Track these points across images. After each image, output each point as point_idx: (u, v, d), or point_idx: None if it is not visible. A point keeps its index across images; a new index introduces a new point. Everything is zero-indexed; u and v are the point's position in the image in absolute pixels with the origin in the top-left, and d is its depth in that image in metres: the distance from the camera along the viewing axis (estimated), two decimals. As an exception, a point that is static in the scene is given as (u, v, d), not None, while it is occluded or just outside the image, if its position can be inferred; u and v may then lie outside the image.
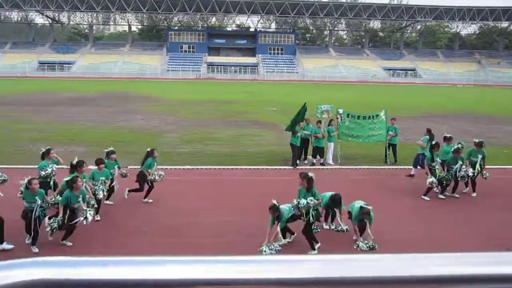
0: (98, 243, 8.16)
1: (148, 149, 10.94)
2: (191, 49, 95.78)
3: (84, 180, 8.95)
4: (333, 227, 9.19)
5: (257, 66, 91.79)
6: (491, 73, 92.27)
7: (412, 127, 24.73)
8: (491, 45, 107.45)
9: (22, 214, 7.81)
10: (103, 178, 9.64)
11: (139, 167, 10.85)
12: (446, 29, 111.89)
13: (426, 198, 11.38)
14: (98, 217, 9.29)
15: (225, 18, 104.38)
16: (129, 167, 13.97)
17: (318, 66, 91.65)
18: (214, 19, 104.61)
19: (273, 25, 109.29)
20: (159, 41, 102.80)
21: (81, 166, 9.15)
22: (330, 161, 15.50)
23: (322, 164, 15.19)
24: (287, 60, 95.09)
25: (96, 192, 9.25)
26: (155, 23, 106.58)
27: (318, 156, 15.20)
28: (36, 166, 10.00)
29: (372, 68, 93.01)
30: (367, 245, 8.16)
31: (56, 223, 7.80)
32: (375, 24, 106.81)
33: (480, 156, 11.75)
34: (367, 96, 45.71)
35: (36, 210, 7.69)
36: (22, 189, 8.17)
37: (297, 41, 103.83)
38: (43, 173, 9.74)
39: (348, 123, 15.70)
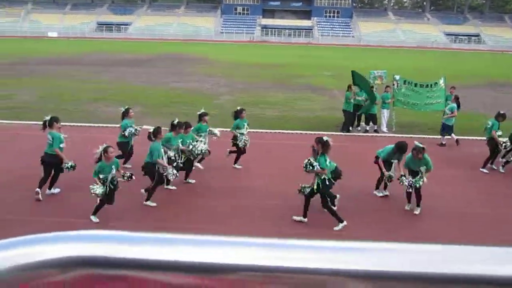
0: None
1: (238, 108, 10.92)
2: (245, 11, 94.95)
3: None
4: (386, 193, 9.12)
5: (312, 29, 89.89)
6: None
7: (471, 96, 23.70)
8: None
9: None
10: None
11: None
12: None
13: (484, 170, 11.06)
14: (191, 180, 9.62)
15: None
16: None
17: (376, 30, 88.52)
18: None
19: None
20: (213, 3, 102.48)
21: (181, 127, 9.28)
22: (384, 129, 15.22)
23: (375, 131, 14.95)
24: (343, 24, 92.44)
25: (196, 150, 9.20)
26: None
27: (371, 123, 14.97)
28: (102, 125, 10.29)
29: (432, 33, 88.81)
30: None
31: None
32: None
33: None
34: (425, 62, 43.93)
35: (109, 180, 7.46)
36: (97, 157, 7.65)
37: (354, 4, 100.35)
38: (126, 132, 9.84)
39: (404, 90, 15.24)
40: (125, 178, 7.83)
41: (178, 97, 20.61)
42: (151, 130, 8.63)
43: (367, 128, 15.06)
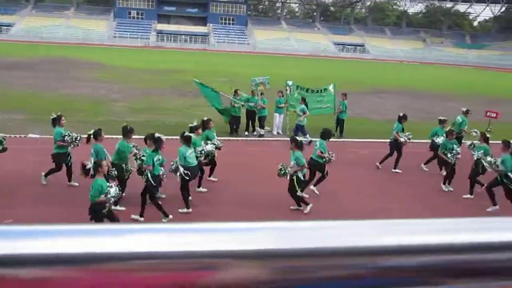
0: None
1: (205, 118, 10.63)
2: (139, 16, 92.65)
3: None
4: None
5: (208, 35, 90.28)
6: (435, 51, 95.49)
7: (359, 102, 25.36)
8: (435, 25, 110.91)
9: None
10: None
11: (84, 135, 10.49)
12: (394, 6, 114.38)
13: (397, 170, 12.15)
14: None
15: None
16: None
17: (270, 38, 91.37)
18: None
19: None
20: (106, 5, 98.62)
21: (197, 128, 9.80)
22: (275, 132, 15.89)
23: (269, 132, 15.65)
24: (239, 31, 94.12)
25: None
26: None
27: (266, 127, 15.57)
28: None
29: (322, 42, 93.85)
30: None
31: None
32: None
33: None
34: (317, 70, 46.21)
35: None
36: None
37: (249, 12, 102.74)
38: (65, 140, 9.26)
39: (296, 95, 15.94)
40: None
41: (69, 104, 19.43)
42: (91, 133, 8.88)
43: (262, 133, 15.47)
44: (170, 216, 8.07)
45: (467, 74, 57.96)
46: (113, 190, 6.95)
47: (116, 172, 8.51)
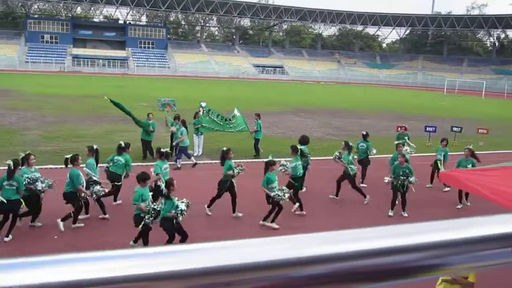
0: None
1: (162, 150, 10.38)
2: (54, 40, 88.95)
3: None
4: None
5: (127, 60, 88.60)
6: (349, 71, 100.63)
7: (278, 122, 26.03)
8: (348, 46, 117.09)
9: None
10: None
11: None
12: (310, 29, 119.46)
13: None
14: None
15: (92, 8, 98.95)
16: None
17: (190, 61, 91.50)
18: (79, 8, 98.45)
19: (144, 18, 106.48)
20: (16, 29, 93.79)
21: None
22: (198, 153, 15.75)
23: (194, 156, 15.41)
24: (159, 55, 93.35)
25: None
26: (10, 9, 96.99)
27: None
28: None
29: (242, 64, 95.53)
30: None
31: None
32: (245, 22, 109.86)
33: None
34: (237, 91, 46.89)
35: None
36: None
37: (168, 36, 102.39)
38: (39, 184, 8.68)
39: (208, 118, 16.13)
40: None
41: (-26, 134, 18.14)
42: (69, 157, 9.06)
43: (178, 165, 14.85)
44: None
45: (379, 92, 61.55)
46: (183, 205, 7.78)
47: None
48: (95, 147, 10.00)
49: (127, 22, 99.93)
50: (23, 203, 8.39)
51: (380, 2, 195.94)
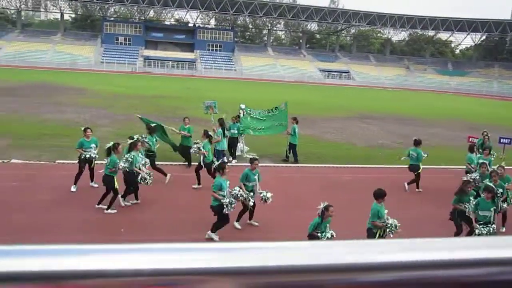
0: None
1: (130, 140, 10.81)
2: (127, 42, 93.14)
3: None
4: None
5: (195, 62, 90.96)
6: (418, 78, 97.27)
7: (343, 127, 25.60)
8: (419, 52, 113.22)
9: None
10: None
11: (65, 161, 10.45)
12: (378, 34, 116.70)
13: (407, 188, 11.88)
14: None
15: (163, 11, 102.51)
16: (56, 161, 13.48)
17: (256, 64, 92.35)
18: (151, 12, 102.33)
19: (212, 22, 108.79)
20: (93, 31, 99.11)
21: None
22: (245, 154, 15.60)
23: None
24: (226, 57, 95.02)
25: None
26: (89, 12, 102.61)
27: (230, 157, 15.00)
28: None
29: (308, 68, 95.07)
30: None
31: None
32: (312, 26, 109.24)
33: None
34: (303, 96, 46.68)
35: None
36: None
37: (236, 39, 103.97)
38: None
39: (250, 119, 15.95)
40: None
41: (50, 129, 19.29)
42: (110, 145, 10.07)
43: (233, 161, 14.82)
44: None
45: (450, 101, 59.01)
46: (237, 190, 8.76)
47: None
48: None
49: (196, 25, 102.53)
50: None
51: (455, 7, 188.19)
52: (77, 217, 9.27)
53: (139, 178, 10.14)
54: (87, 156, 11.23)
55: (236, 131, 15.26)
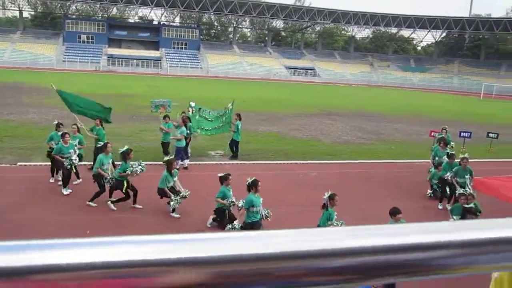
0: None
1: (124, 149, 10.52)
2: (90, 40, 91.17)
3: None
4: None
5: (160, 60, 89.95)
6: (382, 75, 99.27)
7: (309, 124, 25.88)
8: (382, 49, 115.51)
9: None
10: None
11: (27, 163, 10.21)
12: (342, 32, 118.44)
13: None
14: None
15: (127, 9, 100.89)
16: (18, 163, 13.18)
17: (222, 62, 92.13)
18: (115, 9, 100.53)
19: (177, 19, 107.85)
20: (54, 29, 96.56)
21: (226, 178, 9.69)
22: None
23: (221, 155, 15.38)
24: (191, 55, 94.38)
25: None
26: (49, 10, 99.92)
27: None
28: None
29: (274, 66, 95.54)
30: None
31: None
32: (278, 23, 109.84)
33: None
34: (269, 93, 46.91)
35: None
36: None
37: (201, 37, 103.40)
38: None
39: (198, 117, 15.54)
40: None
41: (12, 130, 18.74)
42: (123, 150, 10.12)
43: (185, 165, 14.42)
44: None
45: (412, 97, 60.49)
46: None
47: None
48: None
49: (161, 23, 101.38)
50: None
51: (416, 5, 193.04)
52: (41, 219, 9.07)
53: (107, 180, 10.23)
54: (66, 165, 10.92)
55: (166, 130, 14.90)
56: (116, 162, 11.17)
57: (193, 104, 15.89)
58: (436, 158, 13.02)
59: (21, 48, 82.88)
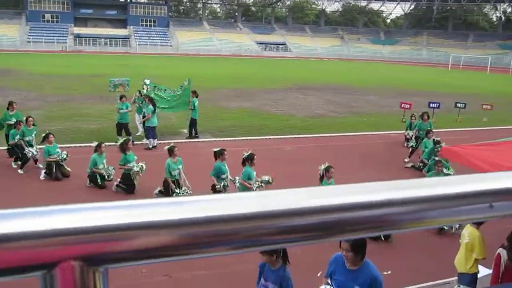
0: None
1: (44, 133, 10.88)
2: (54, 19, 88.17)
3: None
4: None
5: (129, 38, 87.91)
6: (353, 48, 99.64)
7: (282, 99, 25.94)
8: (352, 22, 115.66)
9: None
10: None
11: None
12: (313, 6, 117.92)
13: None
14: None
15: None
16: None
17: (192, 39, 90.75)
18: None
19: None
20: (16, 9, 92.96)
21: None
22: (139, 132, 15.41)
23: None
24: (161, 33, 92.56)
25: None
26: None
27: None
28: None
29: (245, 42, 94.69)
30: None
31: None
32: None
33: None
34: (240, 69, 46.62)
35: None
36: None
37: (170, 14, 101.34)
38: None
39: (153, 95, 15.09)
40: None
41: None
42: (121, 142, 10.42)
43: (152, 145, 14.24)
44: None
45: (383, 69, 61.09)
46: None
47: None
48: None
49: (128, 0, 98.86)
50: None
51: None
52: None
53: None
54: (29, 156, 11.13)
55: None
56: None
57: (147, 81, 15.53)
58: (420, 132, 13.76)
59: (-18, 30, 79.67)
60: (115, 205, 0.45)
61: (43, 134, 11.18)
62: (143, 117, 14.52)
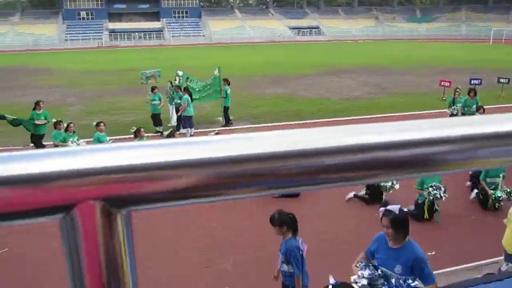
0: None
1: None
2: (90, 16, 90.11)
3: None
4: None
5: (162, 31, 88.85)
6: (388, 28, 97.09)
7: (317, 83, 25.59)
8: (387, 1, 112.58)
9: None
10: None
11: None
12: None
13: None
14: None
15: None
16: (31, 145, 13.23)
17: (225, 28, 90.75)
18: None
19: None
20: (53, 8, 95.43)
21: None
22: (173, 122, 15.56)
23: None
24: (193, 24, 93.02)
25: None
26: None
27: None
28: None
29: (278, 27, 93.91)
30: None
31: None
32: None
33: None
34: (274, 55, 46.29)
35: None
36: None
37: (201, 4, 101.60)
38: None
39: (186, 86, 15.18)
40: None
41: (17, 113, 18.76)
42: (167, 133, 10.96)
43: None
44: None
45: (420, 48, 59.29)
46: None
47: None
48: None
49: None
50: None
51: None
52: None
53: None
54: None
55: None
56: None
57: (180, 73, 15.70)
58: (465, 109, 13.32)
59: (22, 30, 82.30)
60: (137, 145, 0.43)
61: (94, 123, 11.53)
62: (176, 107, 14.70)
